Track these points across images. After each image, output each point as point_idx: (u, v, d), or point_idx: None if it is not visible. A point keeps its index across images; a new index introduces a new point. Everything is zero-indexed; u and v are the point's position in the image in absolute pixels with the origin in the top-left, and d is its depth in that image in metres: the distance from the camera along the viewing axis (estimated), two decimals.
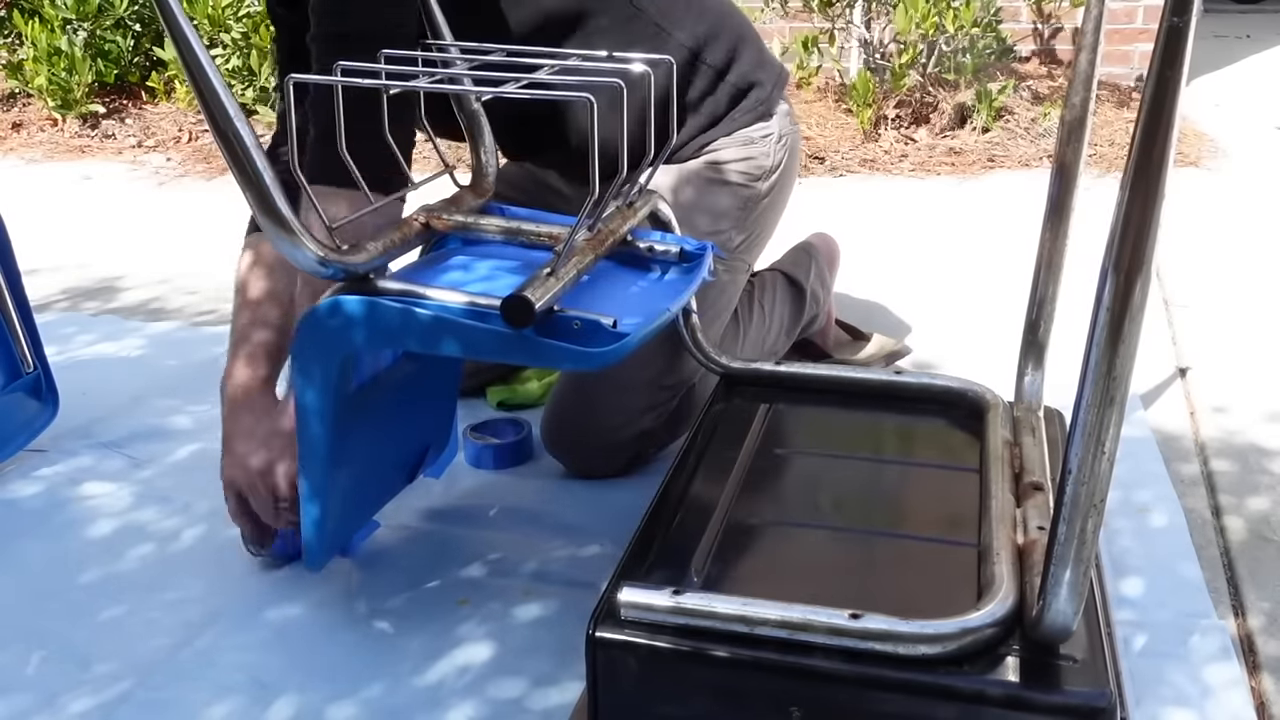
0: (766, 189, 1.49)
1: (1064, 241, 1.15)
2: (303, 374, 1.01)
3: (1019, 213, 2.53)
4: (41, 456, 1.54)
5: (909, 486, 1.11)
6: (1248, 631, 1.13)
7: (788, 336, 1.67)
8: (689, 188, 1.44)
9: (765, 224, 1.53)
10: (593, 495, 1.40)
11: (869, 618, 0.81)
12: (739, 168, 1.46)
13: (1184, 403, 1.61)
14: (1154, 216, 0.66)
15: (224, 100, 0.85)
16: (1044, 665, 0.80)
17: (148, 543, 1.33)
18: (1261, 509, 1.34)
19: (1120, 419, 0.71)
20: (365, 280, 0.98)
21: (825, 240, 1.81)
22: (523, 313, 0.91)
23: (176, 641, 1.15)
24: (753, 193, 1.47)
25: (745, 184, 1.47)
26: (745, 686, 0.85)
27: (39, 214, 2.79)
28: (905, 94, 3.19)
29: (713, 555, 0.95)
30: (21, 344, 1.54)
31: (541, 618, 1.17)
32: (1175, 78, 0.63)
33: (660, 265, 1.13)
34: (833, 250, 1.80)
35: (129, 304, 2.16)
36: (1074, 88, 1.08)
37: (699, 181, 1.44)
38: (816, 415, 1.23)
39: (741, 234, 1.48)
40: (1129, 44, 3.68)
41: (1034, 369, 1.21)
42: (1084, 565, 0.75)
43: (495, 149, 1.20)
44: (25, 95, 3.75)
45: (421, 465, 1.30)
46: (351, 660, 1.11)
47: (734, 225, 1.46)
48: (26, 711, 1.06)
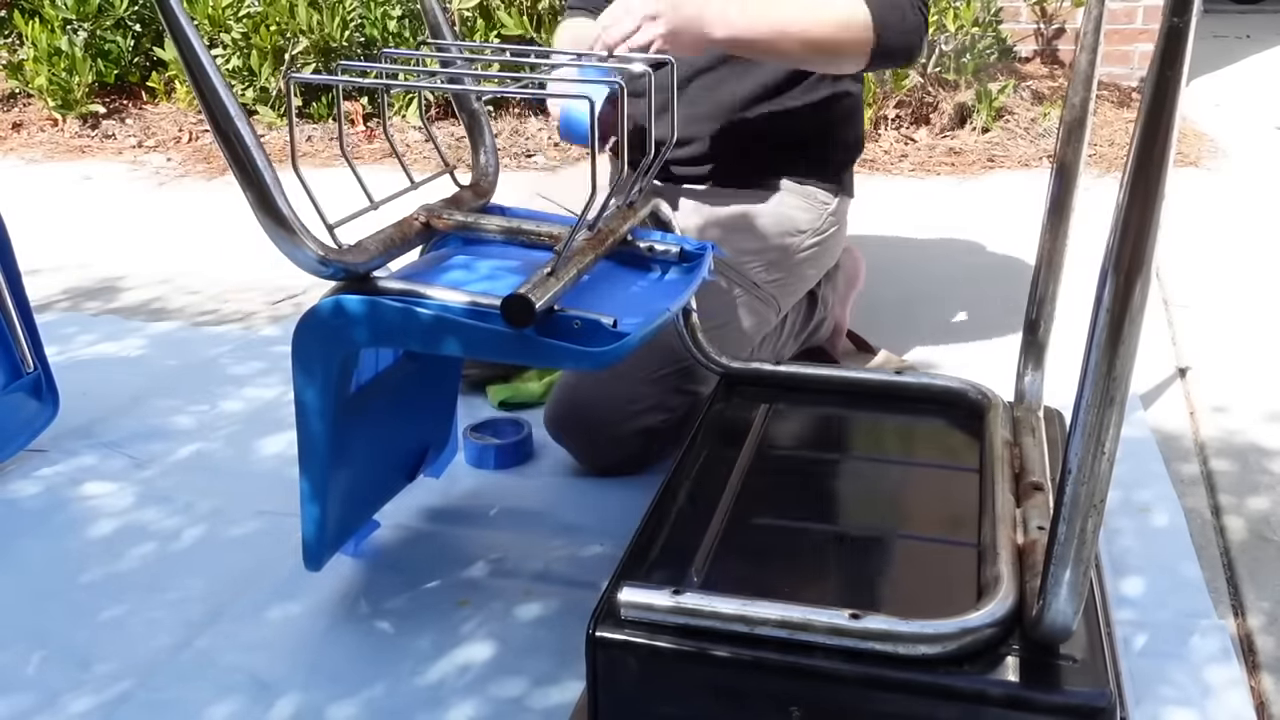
0: (806, 246, 1.56)
1: (1064, 241, 1.15)
2: (304, 373, 1.01)
3: (1019, 213, 2.53)
4: (42, 456, 1.54)
5: (909, 486, 1.11)
6: (1248, 631, 1.13)
7: (795, 340, 1.68)
8: (743, 208, 1.53)
9: (801, 275, 1.59)
10: (593, 495, 1.40)
11: (869, 618, 0.81)
12: (790, 214, 1.54)
13: (1184, 403, 1.62)
14: (1154, 216, 0.66)
15: (224, 100, 0.85)
16: (1044, 665, 0.80)
17: (148, 543, 1.33)
18: (1261, 509, 1.34)
19: (1120, 419, 0.71)
20: (365, 279, 0.98)
21: (850, 259, 1.82)
22: (523, 312, 0.91)
23: (177, 641, 1.15)
24: (794, 242, 1.55)
25: (791, 231, 1.54)
26: (745, 686, 0.85)
27: (39, 214, 2.79)
28: (905, 94, 3.19)
29: (713, 555, 0.95)
30: (22, 344, 1.54)
31: (542, 617, 1.17)
32: (1175, 78, 0.63)
33: (660, 265, 1.13)
34: (857, 267, 1.83)
35: (130, 304, 2.16)
36: (1074, 88, 1.08)
37: (753, 209, 1.53)
38: (816, 415, 1.23)
39: (776, 272, 1.54)
40: (1129, 44, 3.68)
41: (1034, 369, 1.21)
42: (1084, 565, 0.76)
43: (495, 149, 1.20)
44: (25, 95, 3.75)
45: (421, 465, 1.30)
46: (353, 660, 1.11)
47: (768, 260, 1.52)
48: (27, 712, 1.06)
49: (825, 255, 1.61)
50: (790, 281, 1.56)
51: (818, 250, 1.58)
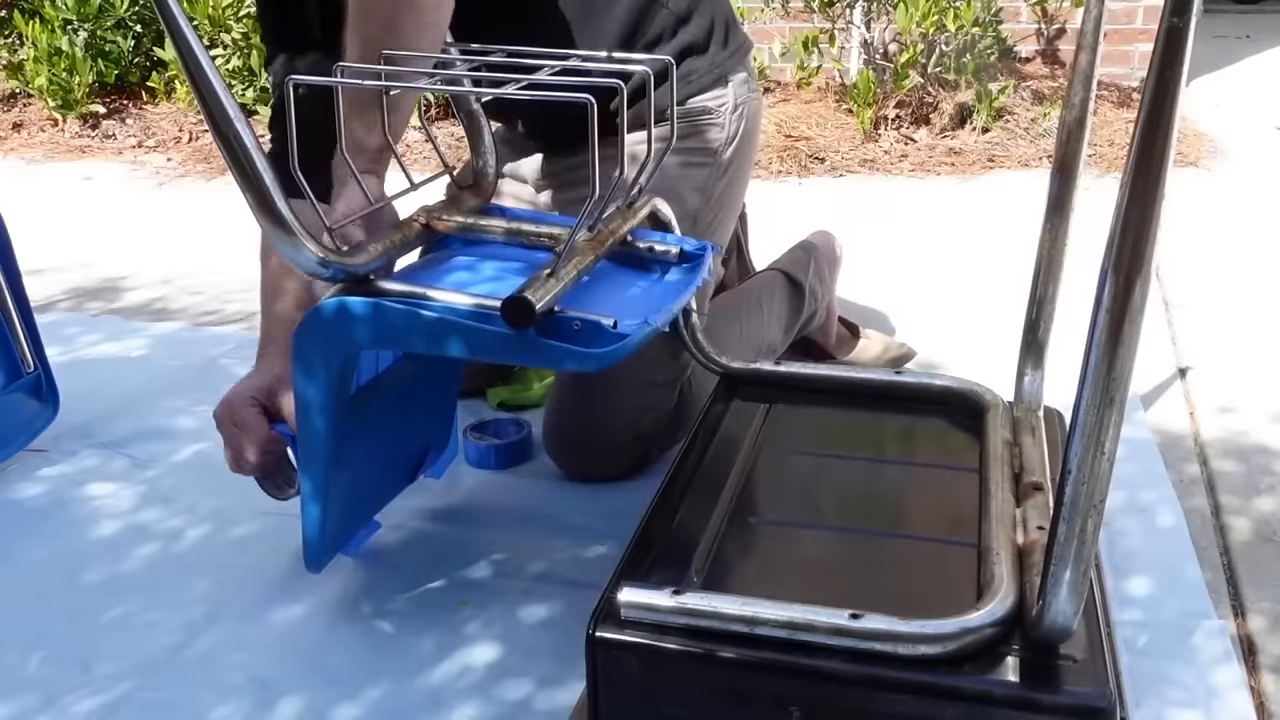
0: (726, 160, 1.46)
1: (1064, 241, 1.15)
2: (305, 374, 1.01)
3: (1019, 213, 2.53)
4: (42, 457, 1.54)
5: (909, 486, 1.11)
6: (1248, 631, 1.13)
7: (786, 334, 1.67)
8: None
9: (730, 200, 1.50)
10: (593, 495, 1.40)
11: (869, 618, 0.81)
12: (697, 142, 1.44)
13: (1184, 403, 1.62)
14: (1154, 216, 0.66)
15: (224, 101, 0.85)
16: (1044, 665, 0.80)
17: (149, 543, 1.33)
18: (1262, 509, 1.34)
19: (1120, 419, 0.71)
20: (366, 281, 0.98)
21: (825, 238, 1.81)
22: (523, 313, 0.91)
23: (178, 642, 1.15)
24: (713, 166, 1.45)
25: (704, 160, 1.44)
26: (745, 686, 0.85)
27: (40, 214, 2.79)
28: (905, 94, 3.19)
29: (713, 555, 0.95)
30: (22, 344, 1.55)
31: (543, 618, 1.17)
32: (1175, 78, 0.63)
33: (660, 265, 1.13)
34: (833, 248, 1.80)
35: (131, 304, 2.16)
36: (1074, 88, 1.08)
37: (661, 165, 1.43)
38: (816, 415, 1.23)
39: (710, 212, 1.46)
40: (1129, 44, 3.68)
41: (1034, 369, 1.21)
42: (1084, 565, 0.76)
43: (495, 149, 1.20)
44: (26, 95, 3.76)
45: (422, 466, 1.30)
46: (354, 661, 1.11)
47: (703, 203, 1.44)
48: (28, 712, 1.06)
49: (746, 162, 1.50)
50: (723, 215, 1.49)
51: (738, 156, 1.48)
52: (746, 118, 1.49)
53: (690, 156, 1.44)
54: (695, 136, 1.44)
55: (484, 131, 1.20)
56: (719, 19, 1.47)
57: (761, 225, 1.62)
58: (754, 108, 1.52)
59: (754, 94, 1.52)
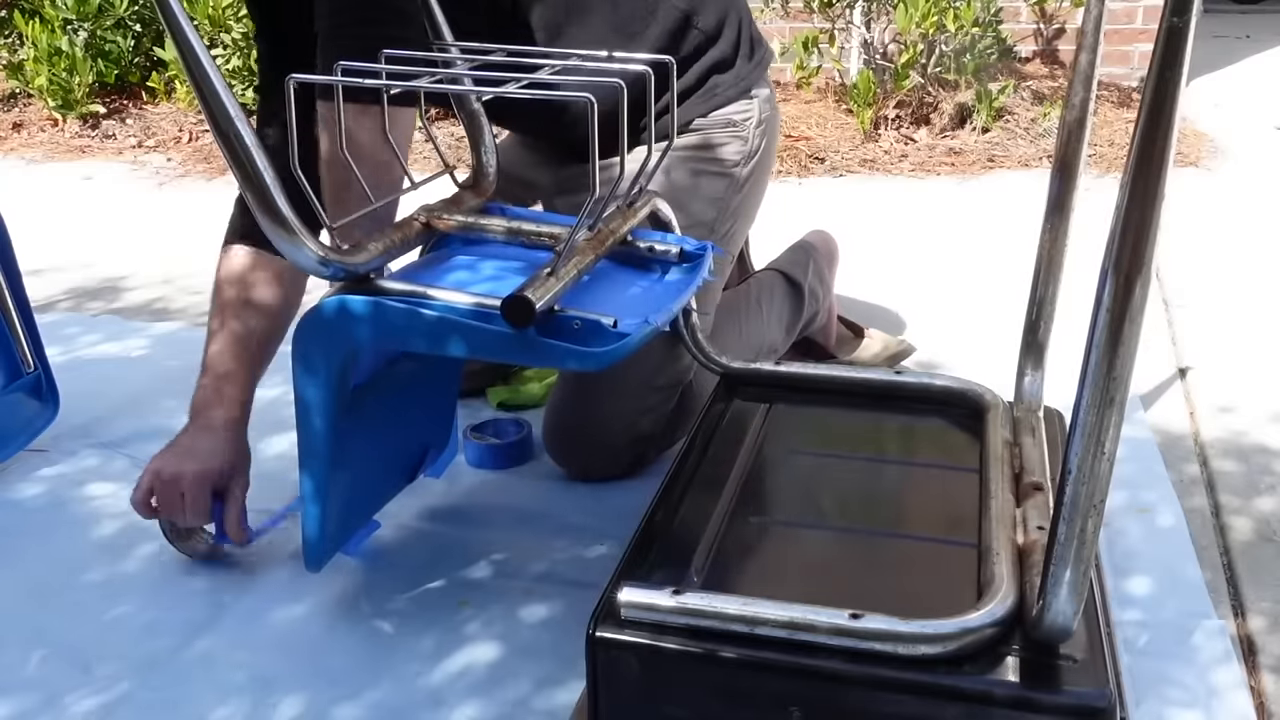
0: (746, 174, 1.48)
1: (1064, 241, 1.15)
2: (305, 373, 1.01)
3: (1019, 213, 2.53)
4: (42, 457, 1.54)
5: (909, 486, 1.11)
6: (1248, 631, 1.13)
7: (787, 335, 1.67)
8: (674, 175, 1.43)
9: (745, 212, 1.52)
10: (593, 495, 1.40)
11: (869, 618, 0.81)
12: (720, 154, 1.45)
13: (1184, 403, 1.62)
14: (1154, 216, 0.66)
15: (224, 100, 0.85)
16: (1044, 665, 0.80)
17: (149, 543, 1.32)
18: (1262, 509, 1.34)
19: (1120, 419, 0.71)
20: (366, 280, 0.98)
21: (823, 238, 1.81)
22: (523, 313, 0.91)
23: (178, 642, 1.15)
24: (733, 179, 1.47)
25: (725, 171, 1.46)
26: (745, 686, 0.85)
27: (40, 214, 2.79)
28: (905, 94, 3.19)
29: (713, 555, 0.95)
30: (22, 344, 1.55)
31: (543, 618, 1.17)
32: (1175, 78, 0.63)
33: (660, 265, 1.13)
34: (831, 248, 1.80)
35: (131, 304, 2.16)
36: (1074, 88, 1.08)
37: (683, 170, 1.44)
38: (816, 415, 1.23)
39: (725, 222, 1.47)
40: (1129, 44, 3.68)
41: (1034, 369, 1.21)
42: (1084, 565, 0.76)
43: (495, 149, 1.20)
44: (26, 95, 3.75)
45: (422, 465, 1.30)
46: (354, 661, 1.11)
47: (719, 213, 1.46)
48: (28, 712, 1.06)
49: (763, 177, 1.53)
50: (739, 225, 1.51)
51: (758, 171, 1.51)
52: (768, 135, 1.51)
53: (709, 167, 1.45)
54: (716, 149, 1.46)
55: (484, 131, 1.20)
56: (744, 32, 1.50)
57: (762, 225, 1.62)
58: (775, 125, 1.54)
59: (775, 111, 1.54)
